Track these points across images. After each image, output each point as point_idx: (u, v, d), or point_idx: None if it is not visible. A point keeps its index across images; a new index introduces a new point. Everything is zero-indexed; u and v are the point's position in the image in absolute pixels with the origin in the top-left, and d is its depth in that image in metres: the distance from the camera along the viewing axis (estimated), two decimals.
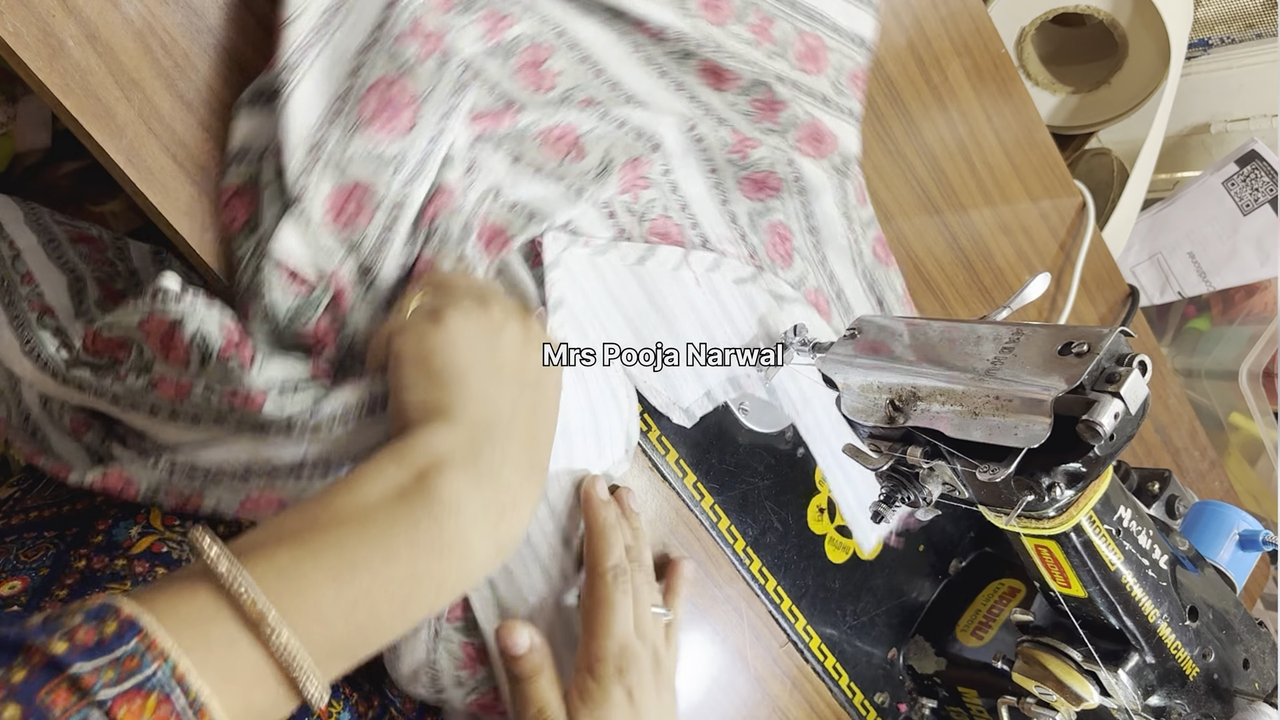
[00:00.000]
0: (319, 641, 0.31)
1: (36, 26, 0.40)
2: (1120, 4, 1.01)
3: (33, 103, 0.99)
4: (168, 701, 0.27)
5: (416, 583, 0.33)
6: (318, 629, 0.31)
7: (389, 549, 0.33)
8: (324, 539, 0.33)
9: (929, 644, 0.70)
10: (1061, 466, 0.42)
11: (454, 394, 0.37)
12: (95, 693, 0.26)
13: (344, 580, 0.32)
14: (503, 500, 0.36)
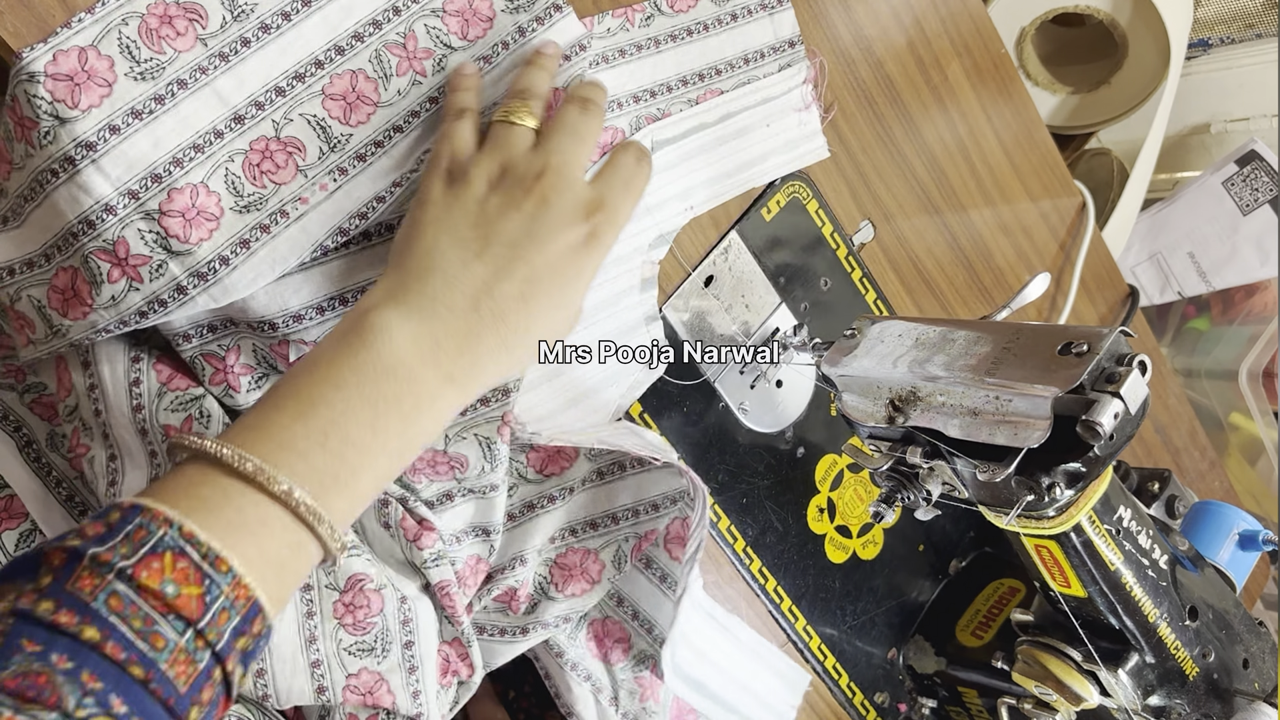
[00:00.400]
0: (305, 475, 0.34)
1: (36, 26, 0.40)
2: (1120, 4, 1.01)
3: None
4: (183, 556, 0.30)
5: (372, 405, 0.36)
6: (300, 464, 0.34)
7: (336, 380, 0.36)
8: (284, 390, 0.36)
9: (929, 644, 0.70)
10: (1061, 466, 0.42)
11: (409, 245, 0.41)
12: (115, 565, 0.29)
13: (307, 415, 0.35)
14: (437, 332, 0.38)
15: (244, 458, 0.33)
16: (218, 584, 0.30)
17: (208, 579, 0.30)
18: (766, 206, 0.62)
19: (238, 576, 0.31)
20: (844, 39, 0.66)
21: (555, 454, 0.53)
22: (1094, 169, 1.09)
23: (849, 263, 0.67)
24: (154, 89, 0.41)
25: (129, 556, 0.29)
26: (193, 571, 0.30)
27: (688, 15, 0.57)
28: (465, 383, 0.39)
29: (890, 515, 0.52)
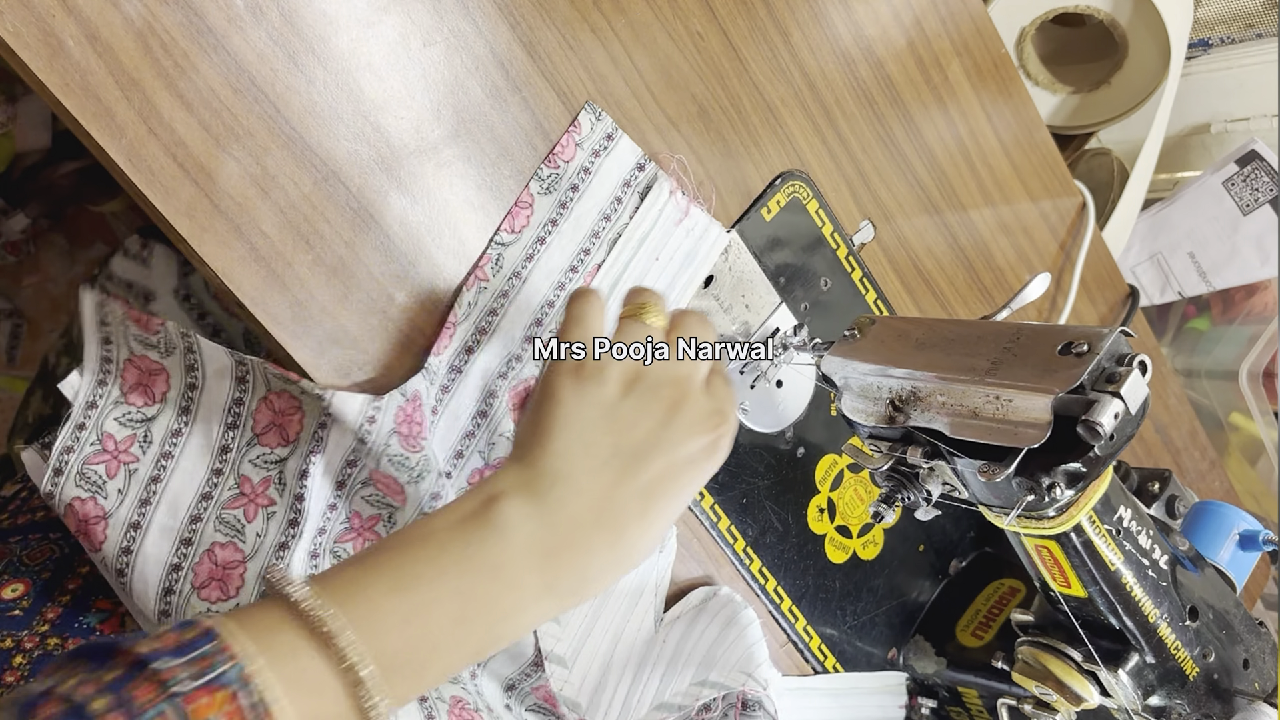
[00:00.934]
0: (378, 651, 0.33)
1: (36, 26, 0.40)
2: (1120, 4, 1.00)
3: (33, 103, 0.99)
4: (235, 699, 0.30)
5: (464, 600, 0.35)
6: (375, 639, 0.33)
7: (440, 564, 0.35)
8: (389, 556, 0.35)
9: (929, 644, 0.70)
10: (1061, 466, 0.42)
11: (541, 442, 0.39)
12: (171, 687, 0.29)
13: (401, 592, 0.34)
14: (553, 541, 0.37)
15: (323, 621, 0.32)
16: None
17: None
18: (766, 206, 0.62)
19: None
20: (844, 39, 0.66)
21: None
22: (1094, 169, 1.09)
23: (849, 263, 0.67)
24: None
25: (187, 681, 0.29)
26: (238, 717, 0.30)
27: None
28: (564, 596, 0.38)
29: (890, 515, 0.52)
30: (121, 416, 0.48)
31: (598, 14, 0.55)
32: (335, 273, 0.47)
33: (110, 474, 0.47)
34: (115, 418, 0.48)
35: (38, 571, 0.50)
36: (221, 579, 0.47)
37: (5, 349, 1.17)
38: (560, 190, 0.53)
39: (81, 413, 0.47)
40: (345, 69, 0.47)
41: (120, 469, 0.47)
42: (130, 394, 0.48)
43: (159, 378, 0.48)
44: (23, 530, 0.52)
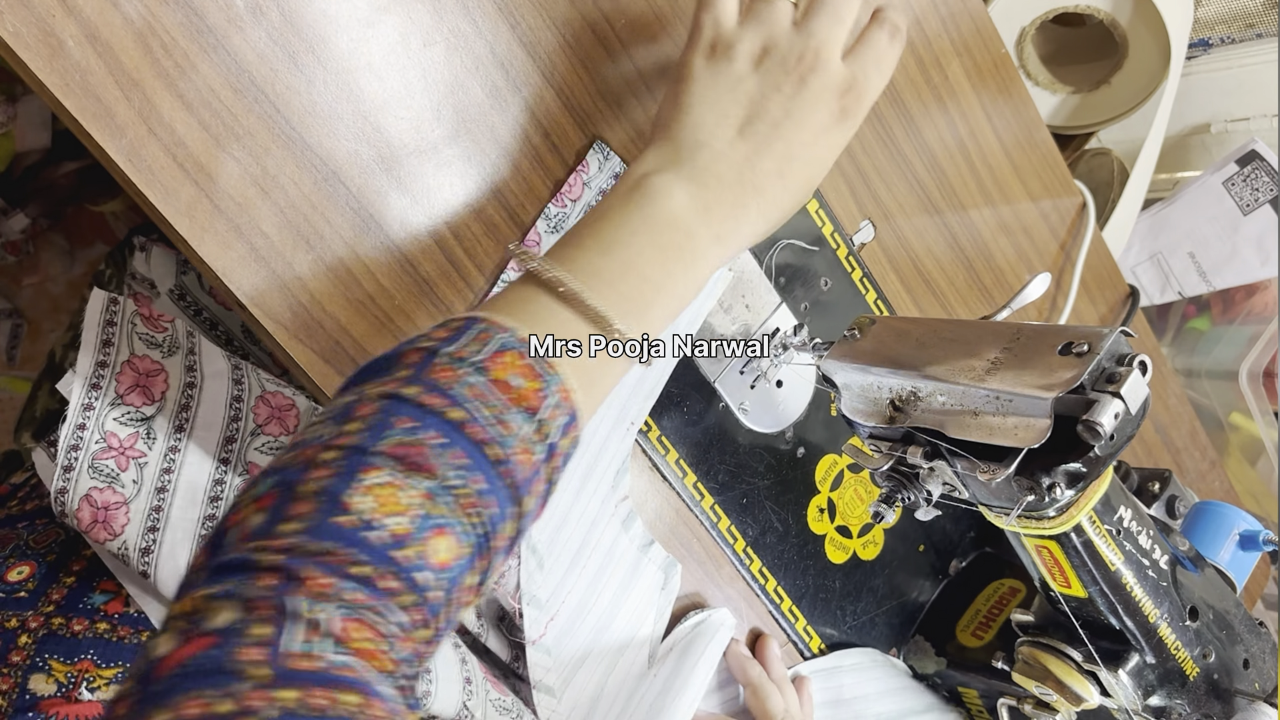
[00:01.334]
0: (613, 301, 0.38)
1: (36, 26, 0.40)
2: (1120, 4, 1.00)
3: (33, 103, 0.99)
4: (523, 356, 0.34)
5: (661, 251, 0.41)
6: (608, 291, 0.39)
7: (631, 227, 0.41)
8: (586, 232, 0.41)
9: (929, 644, 0.70)
10: (1062, 466, 0.42)
11: (678, 117, 0.44)
12: (469, 359, 0.33)
13: (609, 253, 0.40)
14: (708, 198, 0.42)
15: (565, 282, 0.37)
16: (550, 383, 0.34)
17: (543, 377, 0.34)
18: None
19: (563, 379, 0.35)
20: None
21: None
22: (1094, 169, 1.09)
23: (849, 263, 0.67)
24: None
25: (479, 353, 0.33)
26: (532, 369, 0.34)
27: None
28: (729, 243, 0.43)
29: (890, 515, 0.52)
30: (120, 416, 0.48)
31: (598, 14, 0.55)
32: (335, 273, 0.47)
33: (121, 468, 0.47)
34: (114, 418, 0.48)
35: (43, 554, 0.50)
36: None
37: (5, 349, 1.17)
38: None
39: (79, 414, 0.47)
40: (345, 69, 0.47)
41: (130, 464, 0.48)
42: (127, 395, 0.48)
43: (157, 378, 0.49)
44: (30, 516, 0.53)
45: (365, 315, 0.48)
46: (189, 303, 0.57)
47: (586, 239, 0.40)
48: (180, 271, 0.62)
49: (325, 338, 0.47)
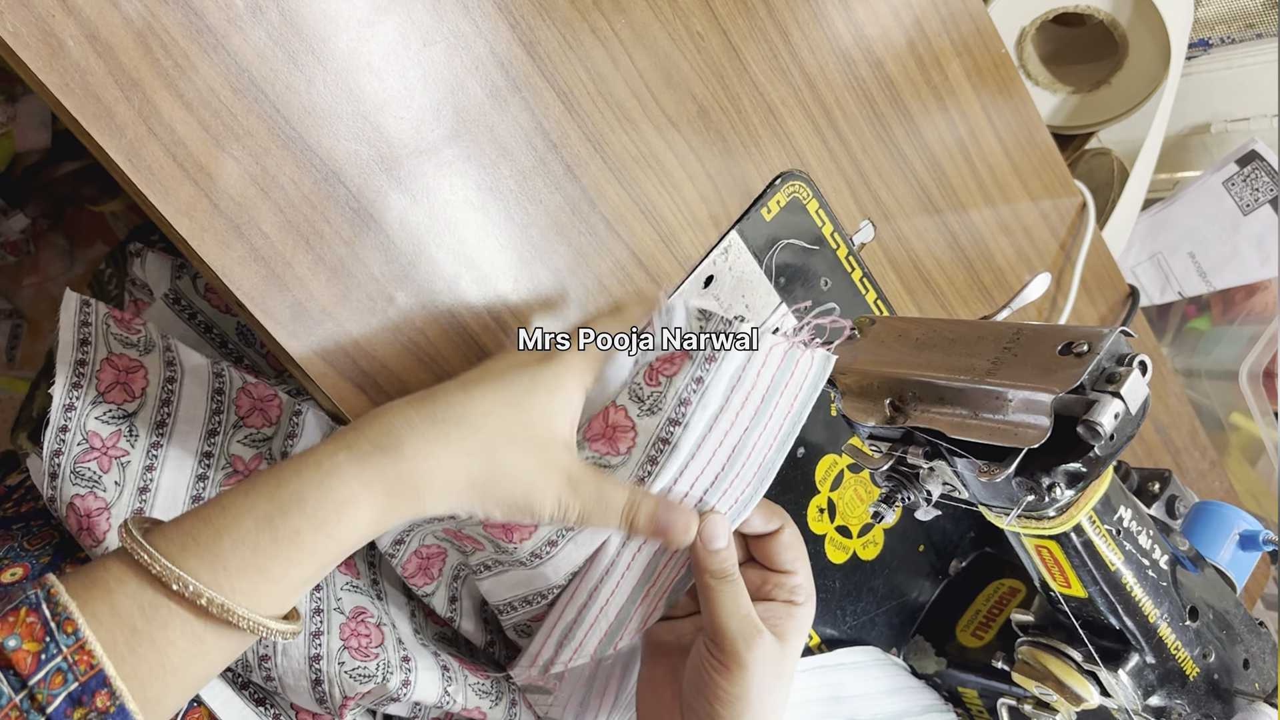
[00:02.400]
0: (165, 538, 0.33)
1: (36, 26, 0.40)
2: (1120, 4, 1.00)
3: (33, 103, 0.99)
4: (36, 613, 0.30)
5: (252, 478, 0.36)
6: (168, 530, 0.34)
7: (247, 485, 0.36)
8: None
9: (929, 644, 0.70)
10: (1061, 466, 0.42)
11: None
12: None
13: (205, 509, 0.35)
14: (360, 421, 0.39)
15: (120, 529, 0.33)
16: (58, 643, 0.30)
17: (49, 637, 0.30)
18: (766, 206, 0.62)
19: (82, 640, 0.30)
20: (844, 39, 0.66)
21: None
22: (1094, 169, 1.09)
23: (849, 263, 0.67)
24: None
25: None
26: (39, 628, 0.30)
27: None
28: (367, 452, 0.36)
29: (890, 515, 0.52)
30: (102, 415, 0.48)
31: (598, 14, 0.55)
32: (335, 273, 0.47)
33: (104, 469, 0.47)
34: (96, 416, 0.48)
35: (37, 556, 0.50)
36: None
37: (5, 349, 1.17)
38: (667, 409, 0.46)
39: (60, 415, 0.47)
40: (345, 69, 0.47)
41: (113, 464, 0.48)
42: (108, 393, 0.48)
43: (137, 374, 0.49)
44: (25, 518, 0.53)
45: (365, 316, 0.48)
46: (184, 306, 0.57)
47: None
48: (175, 276, 0.62)
49: (324, 337, 0.47)
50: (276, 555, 0.34)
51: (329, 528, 0.35)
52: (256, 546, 0.33)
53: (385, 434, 0.36)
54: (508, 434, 0.38)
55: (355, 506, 0.35)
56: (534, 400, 0.39)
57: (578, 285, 0.55)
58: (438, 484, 0.37)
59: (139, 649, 0.31)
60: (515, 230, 0.53)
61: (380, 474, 0.36)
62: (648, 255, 0.58)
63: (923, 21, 0.71)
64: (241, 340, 0.58)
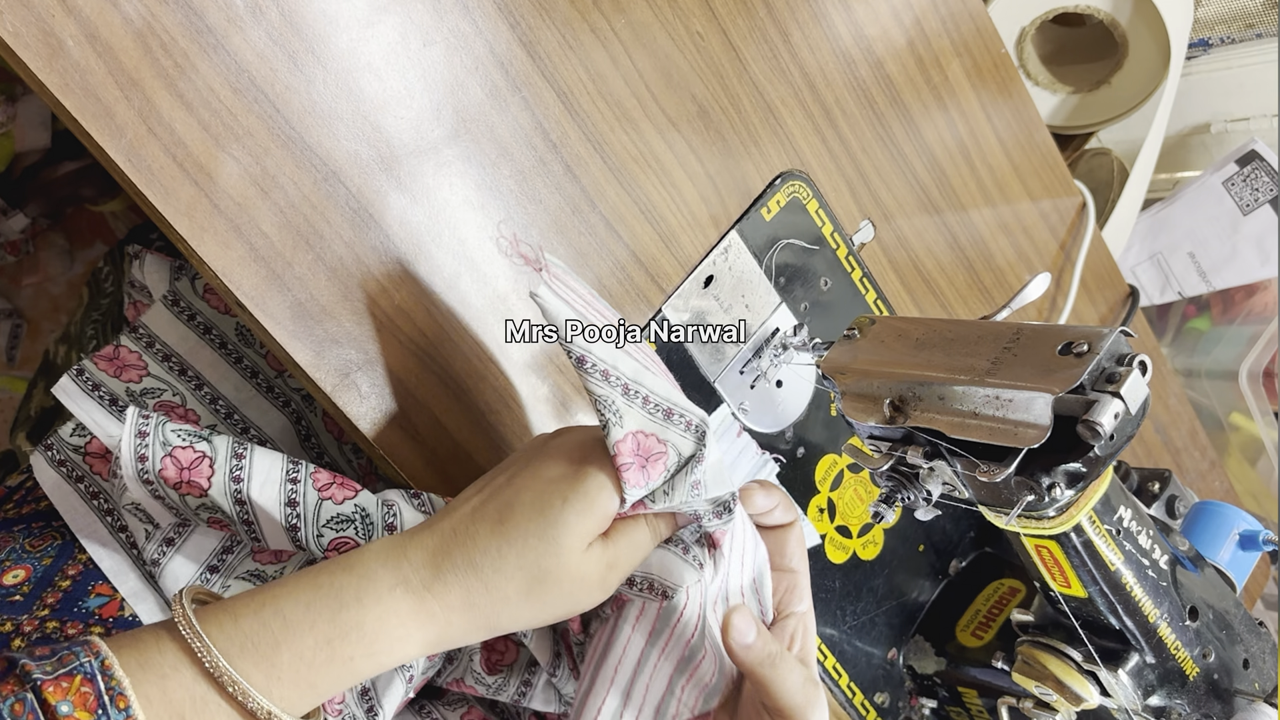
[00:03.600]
0: (227, 636, 0.35)
1: (36, 26, 0.40)
2: (1120, 4, 1.00)
3: (33, 103, 0.99)
4: (91, 683, 0.32)
5: (314, 588, 0.38)
6: (228, 625, 0.35)
7: (309, 579, 0.38)
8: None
9: (929, 644, 0.70)
10: (1061, 466, 0.42)
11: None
12: (32, 677, 0.31)
13: (260, 594, 0.37)
14: (408, 544, 0.40)
15: (177, 609, 0.35)
16: (110, 718, 0.31)
17: (102, 711, 0.31)
18: (766, 206, 0.62)
19: (132, 715, 0.32)
20: (844, 39, 0.66)
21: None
22: (1094, 169, 1.09)
23: (849, 263, 0.67)
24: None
25: (49, 673, 0.31)
26: (92, 699, 0.31)
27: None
28: (420, 591, 0.38)
29: (890, 515, 0.52)
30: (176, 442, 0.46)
31: (597, 14, 0.55)
32: (335, 273, 0.47)
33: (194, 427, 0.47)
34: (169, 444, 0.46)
35: (39, 558, 0.50)
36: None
37: (5, 349, 1.17)
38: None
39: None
40: (345, 69, 0.47)
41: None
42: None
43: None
44: (26, 520, 0.53)
45: (365, 316, 0.48)
46: (183, 308, 0.57)
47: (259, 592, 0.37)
48: (174, 278, 0.62)
49: (324, 337, 0.47)
50: (329, 674, 0.36)
51: (381, 657, 0.37)
52: (313, 664, 0.36)
53: (435, 577, 0.38)
54: (543, 573, 0.39)
55: (407, 644, 0.38)
56: (567, 527, 0.39)
57: None
58: (481, 628, 0.39)
59: (168, 717, 0.33)
60: (515, 230, 0.53)
61: (432, 620, 0.38)
62: (648, 255, 0.58)
63: (923, 21, 0.71)
64: (241, 341, 0.58)
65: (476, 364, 0.52)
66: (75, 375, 0.52)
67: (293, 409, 0.59)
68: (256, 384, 0.58)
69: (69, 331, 0.75)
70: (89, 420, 0.50)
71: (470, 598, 0.38)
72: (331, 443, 0.61)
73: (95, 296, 0.73)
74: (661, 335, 0.58)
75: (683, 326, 0.59)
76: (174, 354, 0.56)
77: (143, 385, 0.54)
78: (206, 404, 0.56)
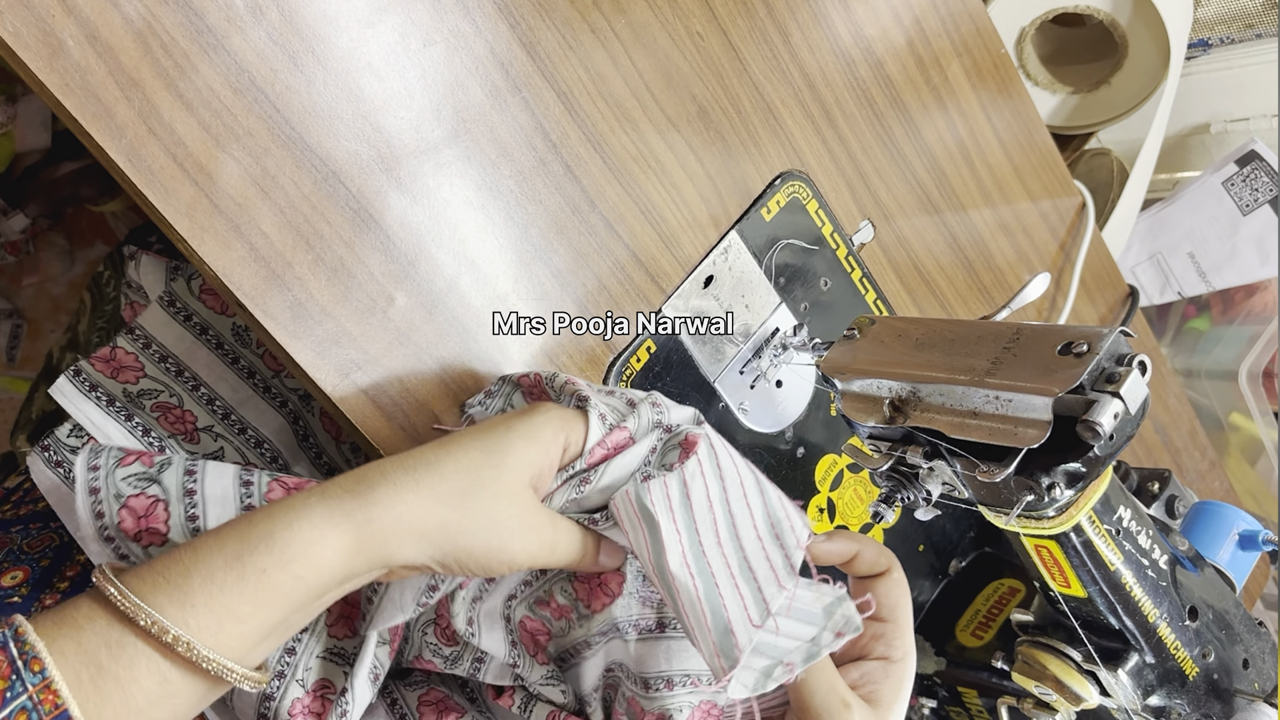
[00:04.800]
0: (133, 577, 0.33)
1: (36, 26, 0.40)
2: (1120, 4, 1.00)
3: (33, 103, 0.99)
4: (3, 650, 0.30)
5: (220, 527, 0.36)
6: (135, 570, 0.34)
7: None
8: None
9: (929, 644, 0.70)
10: (1061, 466, 0.42)
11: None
12: None
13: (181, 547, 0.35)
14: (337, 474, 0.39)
15: (96, 573, 0.33)
16: (24, 682, 0.30)
17: (15, 675, 0.30)
18: (766, 206, 0.62)
19: (48, 679, 0.30)
20: (844, 39, 0.66)
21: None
22: (1094, 169, 1.09)
23: (849, 263, 0.67)
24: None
25: None
26: (5, 666, 0.30)
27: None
28: (339, 495, 0.36)
29: (890, 515, 0.52)
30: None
31: (597, 14, 0.55)
32: (335, 273, 0.47)
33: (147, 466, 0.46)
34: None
35: (37, 559, 0.50)
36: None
37: (5, 349, 1.17)
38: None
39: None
40: (345, 69, 0.47)
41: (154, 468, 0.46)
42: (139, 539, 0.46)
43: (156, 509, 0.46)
44: (24, 520, 0.53)
45: (365, 316, 0.48)
46: (179, 309, 0.57)
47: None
48: (170, 278, 0.62)
49: (324, 337, 0.47)
50: (243, 593, 0.34)
51: (296, 568, 0.34)
52: (224, 584, 0.33)
53: (359, 480, 0.36)
54: (480, 481, 0.37)
55: (322, 547, 0.35)
56: (509, 447, 0.38)
57: (578, 285, 0.55)
58: (407, 529, 0.36)
59: (104, 687, 0.31)
60: (515, 230, 0.53)
61: (349, 517, 0.35)
62: (648, 255, 0.58)
63: (922, 21, 0.71)
64: (238, 341, 0.58)
65: (476, 364, 0.52)
66: (73, 376, 0.52)
67: (290, 409, 0.59)
68: (253, 384, 0.58)
69: (75, 338, 0.75)
70: (86, 421, 0.50)
71: (397, 493, 0.36)
72: (329, 442, 0.61)
73: (99, 302, 0.73)
74: (660, 333, 0.58)
75: (671, 319, 0.59)
76: (170, 355, 0.56)
77: (140, 386, 0.54)
78: (203, 404, 0.56)
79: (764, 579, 0.41)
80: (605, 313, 0.56)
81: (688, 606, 0.39)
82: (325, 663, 0.47)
